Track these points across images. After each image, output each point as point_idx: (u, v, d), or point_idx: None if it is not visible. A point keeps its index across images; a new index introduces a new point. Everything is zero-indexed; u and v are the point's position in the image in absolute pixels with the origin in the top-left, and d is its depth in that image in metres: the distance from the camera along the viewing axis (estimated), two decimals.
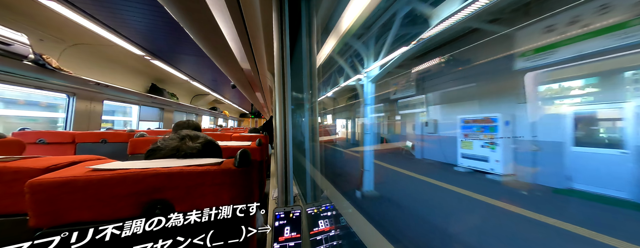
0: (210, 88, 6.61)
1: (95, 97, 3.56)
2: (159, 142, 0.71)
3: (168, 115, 6.06)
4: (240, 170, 0.57)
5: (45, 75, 2.61)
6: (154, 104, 5.42)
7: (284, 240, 0.67)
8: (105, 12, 2.29)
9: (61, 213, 0.46)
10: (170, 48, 3.42)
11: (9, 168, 0.57)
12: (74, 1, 2.06)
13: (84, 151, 2.38)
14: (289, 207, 0.72)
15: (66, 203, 0.46)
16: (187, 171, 0.53)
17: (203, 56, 3.07)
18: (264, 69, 2.75)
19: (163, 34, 2.85)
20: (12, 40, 2.15)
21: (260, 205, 0.80)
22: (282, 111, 0.95)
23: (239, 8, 1.53)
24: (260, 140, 1.54)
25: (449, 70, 2.61)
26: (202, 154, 0.71)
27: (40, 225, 0.45)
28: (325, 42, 1.94)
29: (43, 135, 2.25)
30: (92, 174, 0.49)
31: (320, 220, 0.79)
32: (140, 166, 0.54)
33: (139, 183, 0.50)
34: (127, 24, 2.55)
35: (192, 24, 2.01)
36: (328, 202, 0.84)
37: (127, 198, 0.49)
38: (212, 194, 0.54)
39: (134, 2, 2.14)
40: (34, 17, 2.35)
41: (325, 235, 0.77)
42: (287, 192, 0.91)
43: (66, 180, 0.47)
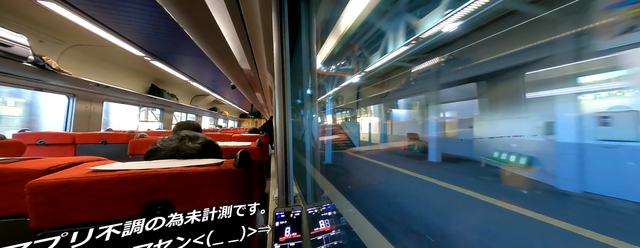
0: (210, 88, 6.61)
1: (95, 98, 3.56)
2: (159, 142, 0.71)
3: (168, 116, 6.06)
4: (240, 170, 0.57)
5: (45, 77, 2.61)
6: (154, 105, 5.42)
7: (284, 240, 0.67)
8: (105, 13, 2.29)
9: (62, 214, 0.46)
10: (169, 49, 3.42)
11: (10, 169, 0.57)
12: (74, 2, 2.06)
13: (84, 152, 2.38)
14: (289, 207, 0.71)
15: (66, 204, 0.46)
16: (188, 172, 0.53)
17: (203, 57, 3.07)
18: (263, 69, 2.75)
19: (163, 34, 2.85)
20: (12, 42, 2.14)
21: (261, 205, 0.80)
22: (282, 111, 0.94)
23: (238, 8, 1.53)
24: (260, 140, 1.54)
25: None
26: (202, 155, 0.71)
27: (41, 226, 0.45)
28: (325, 42, 1.94)
29: (43, 137, 2.25)
30: (92, 175, 0.49)
31: (320, 220, 0.79)
32: (140, 167, 0.54)
33: (139, 184, 0.50)
34: (127, 25, 2.55)
35: (192, 25, 2.01)
36: (328, 202, 0.84)
37: (127, 199, 0.49)
38: (213, 194, 0.54)
39: (134, 3, 2.14)
40: (34, 19, 2.35)
41: (325, 235, 0.77)
42: (287, 192, 0.91)
43: (66, 181, 0.47)
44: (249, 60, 2.66)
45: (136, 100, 4.67)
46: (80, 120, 3.38)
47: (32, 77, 2.52)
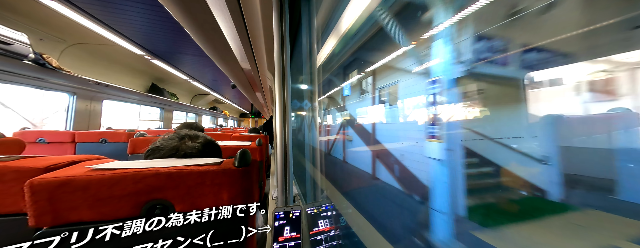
0: (210, 88, 6.61)
1: (95, 96, 3.56)
2: (159, 141, 0.71)
3: (168, 114, 6.07)
4: (240, 170, 0.57)
5: (45, 75, 2.61)
6: (154, 104, 5.42)
7: (283, 240, 0.67)
8: (106, 12, 2.29)
9: (61, 213, 0.46)
10: (170, 48, 3.42)
11: (9, 167, 0.57)
12: (75, 1, 2.06)
13: (83, 151, 2.38)
14: (288, 207, 0.71)
15: (66, 203, 0.46)
16: (187, 171, 0.53)
17: (203, 56, 3.07)
18: (264, 69, 2.75)
19: (163, 33, 2.85)
20: (12, 40, 2.14)
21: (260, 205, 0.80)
22: (282, 111, 0.94)
23: (239, 8, 1.53)
24: (260, 140, 1.54)
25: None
26: (202, 154, 0.71)
27: (40, 224, 0.45)
28: (325, 42, 1.94)
29: (43, 135, 2.25)
30: (92, 174, 0.49)
31: (320, 220, 0.79)
32: (140, 166, 0.54)
33: (139, 183, 0.50)
34: (128, 24, 2.55)
35: (192, 24, 2.01)
36: (328, 202, 0.84)
37: (127, 198, 0.49)
38: (212, 194, 0.54)
39: (135, 2, 2.14)
40: (34, 17, 2.35)
41: (325, 235, 0.77)
42: (287, 192, 0.91)
43: (66, 179, 0.47)
44: (250, 59, 2.66)
45: (136, 99, 4.67)
46: (80, 119, 3.38)
47: (32, 75, 2.52)
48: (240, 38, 2.03)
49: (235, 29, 1.84)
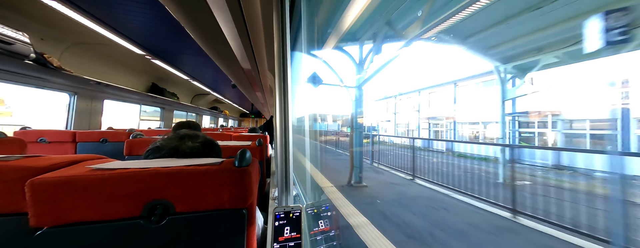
0: (211, 88, 6.61)
1: (96, 96, 3.57)
2: (159, 141, 0.71)
3: (168, 114, 6.08)
4: (240, 169, 0.57)
5: (46, 75, 2.62)
6: (155, 103, 5.43)
7: (283, 240, 0.67)
8: (106, 12, 2.29)
9: (61, 212, 0.46)
10: (170, 47, 3.42)
11: (10, 167, 0.57)
12: (76, 0, 2.06)
13: (84, 150, 2.38)
14: (288, 206, 0.71)
15: (66, 202, 0.46)
16: (188, 171, 0.53)
17: (204, 56, 3.07)
18: (264, 69, 2.75)
19: (164, 33, 2.85)
20: (14, 40, 2.15)
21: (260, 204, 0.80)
22: (282, 111, 0.94)
23: (239, 8, 1.53)
24: (260, 140, 1.54)
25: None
26: (202, 154, 0.71)
27: (41, 224, 0.45)
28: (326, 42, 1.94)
29: (44, 134, 2.26)
30: (92, 174, 0.49)
31: (320, 220, 0.79)
32: (140, 166, 0.54)
33: (140, 183, 0.50)
34: (128, 23, 2.56)
35: (193, 24, 2.02)
36: (328, 202, 0.84)
37: (127, 197, 0.49)
38: (213, 194, 0.54)
39: (135, 2, 2.14)
40: (35, 17, 2.35)
41: (325, 235, 0.77)
42: (287, 192, 0.91)
43: (67, 179, 0.47)
44: (250, 59, 2.67)
45: (137, 98, 4.67)
46: (81, 118, 3.38)
47: (34, 75, 2.52)
48: (240, 38, 2.03)
49: (235, 28, 1.84)
